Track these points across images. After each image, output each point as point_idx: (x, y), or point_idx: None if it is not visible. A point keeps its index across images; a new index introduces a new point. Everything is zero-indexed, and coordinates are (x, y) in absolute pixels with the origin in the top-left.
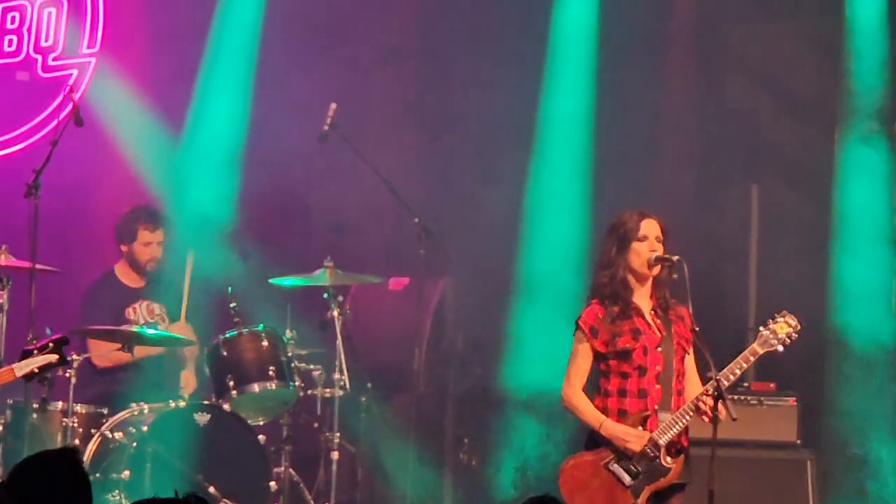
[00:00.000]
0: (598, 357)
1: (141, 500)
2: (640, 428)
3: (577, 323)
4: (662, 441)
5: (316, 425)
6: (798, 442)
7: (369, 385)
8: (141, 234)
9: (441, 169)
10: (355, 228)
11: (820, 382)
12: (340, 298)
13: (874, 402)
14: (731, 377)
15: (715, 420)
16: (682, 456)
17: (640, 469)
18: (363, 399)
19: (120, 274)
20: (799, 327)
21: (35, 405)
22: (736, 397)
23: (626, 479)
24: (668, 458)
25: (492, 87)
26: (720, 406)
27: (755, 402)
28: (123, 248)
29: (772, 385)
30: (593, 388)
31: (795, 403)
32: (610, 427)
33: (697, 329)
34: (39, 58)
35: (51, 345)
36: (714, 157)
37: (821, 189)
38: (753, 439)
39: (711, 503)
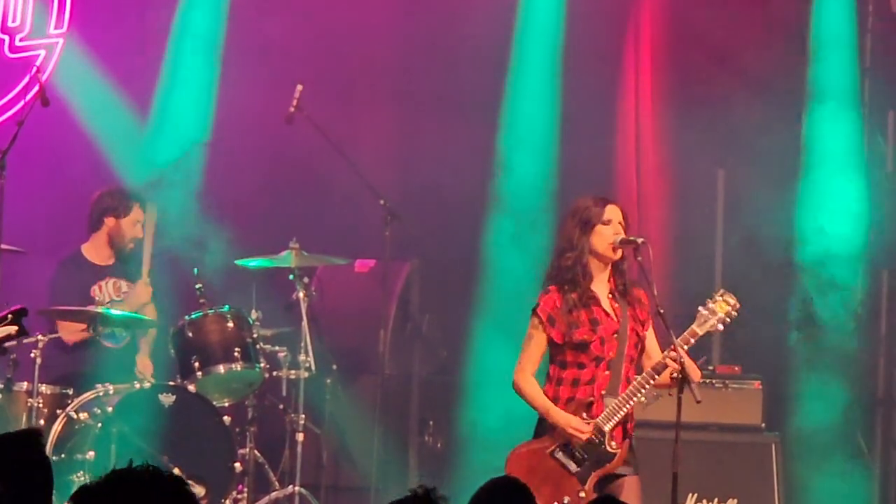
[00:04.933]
0: (553, 346)
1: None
2: (585, 414)
3: (534, 310)
4: (607, 427)
5: (281, 407)
6: (763, 425)
7: (335, 367)
8: (135, 210)
9: (407, 151)
10: (321, 210)
11: (785, 366)
12: (306, 280)
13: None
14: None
15: (679, 402)
16: (628, 441)
17: (585, 455)
18: (328, 381)
19: (88, 253)
20: (738, 306)
21: (0, 385)
22: (701, 380)
23: (572, 466)
24: (613, 444)
25: (458, 69)
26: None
27: (720, 384)
28: (109, 220)
29: (737, 368)
30: (544, 376)
31: (760, 387)
32: (556, 416)
33: (662, 311)
34: (7, 38)
35: (10, 316)
36: (680, 141)
37: (787, 173)
38: (718, 422)
39: (675, 486)
